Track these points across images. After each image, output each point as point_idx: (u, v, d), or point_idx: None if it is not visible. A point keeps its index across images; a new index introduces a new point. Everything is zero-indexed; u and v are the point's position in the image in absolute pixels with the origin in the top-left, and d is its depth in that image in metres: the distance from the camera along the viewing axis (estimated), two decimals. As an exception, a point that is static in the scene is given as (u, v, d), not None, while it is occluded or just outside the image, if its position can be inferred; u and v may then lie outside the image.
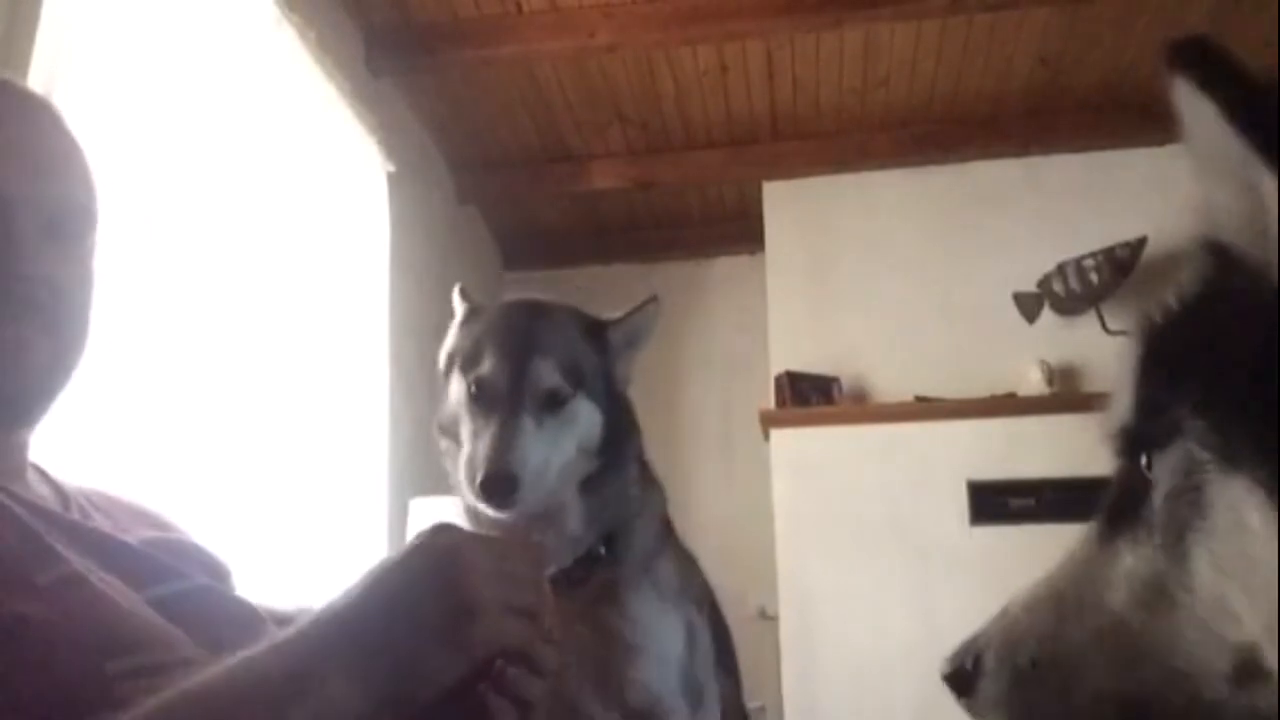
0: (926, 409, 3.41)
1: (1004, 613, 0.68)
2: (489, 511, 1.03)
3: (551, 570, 1.03)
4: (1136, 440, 0.57)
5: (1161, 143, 3.59)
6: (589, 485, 1.10)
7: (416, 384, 3.28)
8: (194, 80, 2.10)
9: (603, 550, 1.09)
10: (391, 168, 3.02)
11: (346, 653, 0.60)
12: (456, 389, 1.11)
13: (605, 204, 4.16)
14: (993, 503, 3.28)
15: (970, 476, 3.30)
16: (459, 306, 1.19)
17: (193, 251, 2.00)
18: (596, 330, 1.13)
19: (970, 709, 0.68)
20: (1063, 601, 0.63)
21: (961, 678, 0.68)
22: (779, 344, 3.69)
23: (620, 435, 1.12)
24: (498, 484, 1.00)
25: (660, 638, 1.10)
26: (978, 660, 0.67)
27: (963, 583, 3.21)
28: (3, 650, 0.61)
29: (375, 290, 2.89)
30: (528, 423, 1.03)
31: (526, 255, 4.42)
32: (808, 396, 3.52)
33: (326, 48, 2.65)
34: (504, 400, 1.05)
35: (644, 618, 1.09)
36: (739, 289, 4.08)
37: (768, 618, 3.44)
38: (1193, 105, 0.50)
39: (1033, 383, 3.38)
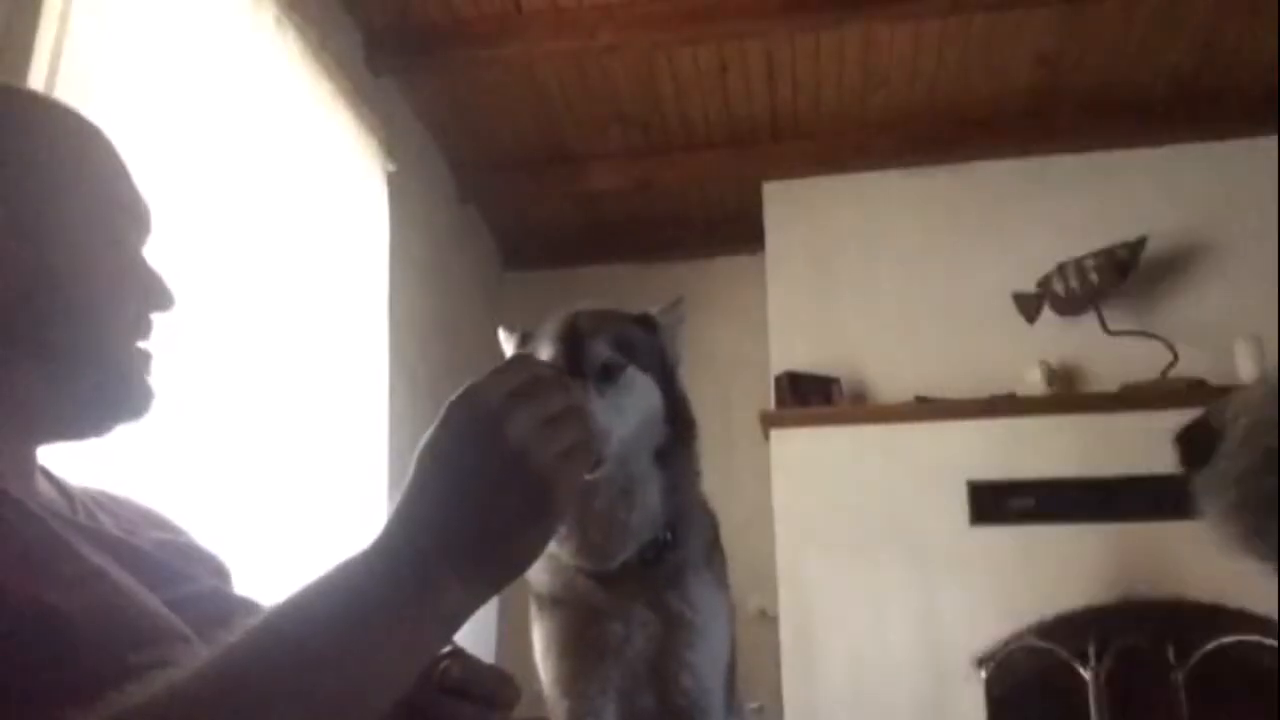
0: (926, 409, 3.41)
1: (1264, 382, 0.57)
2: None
3: (629, 552, 1.09)
4: None
5: (1161, 143, 3.60)
6: (661, 458, 1.14)
7: (417, 383, 3.29)
8: (194, 80, 2.10)
9: (669, 535, 1.13)
10: (391, 167, 3.02)
11: (453, 563, 0.61)
12: None
13: (605, 204, 4.16)
14: (993, 503, 3.27)
15: (970, 476, 3.30)
16: (507, 339, 1.23)
17: (192, 251, 2.00)
18: (642, 318, 1.20)
19: (1195, 483, 0.57)
20: None
21: (1194, 444, 0.58)
22: (779, 344, 3.69)
23: (682, 409, 1.17)
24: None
25: (717, 626, 1.14)
26: (1218, 430, 0.56)
27: (963, 583, 3.22)
28: (34, 640, 0.61)
29: (375, 290, 2.89)
30: (590, 390, 1.07)
31: (526, 255, 4.43)
32: (808, 396, 3.52)
33: (326, 48, 2.65)
34: (566, 375, 1.11)
35: (705, 604, 1.13)
36: (739, 289, 4.08)
37: (768, 618, 3.44)
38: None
39: (1033, 383, 3.38)
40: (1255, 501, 0.51)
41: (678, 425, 1.16)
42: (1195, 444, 0.55)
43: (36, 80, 1.58)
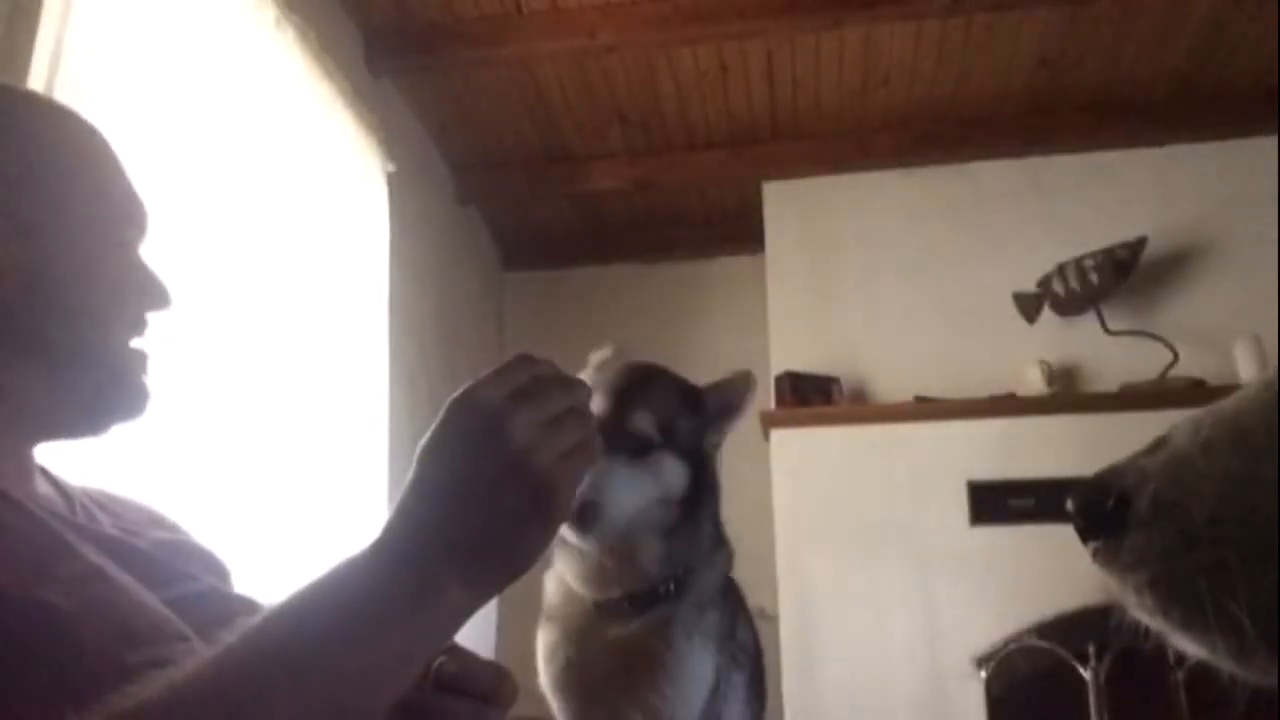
0: (926, 409, 3.41)
1: (1160, 446, 0.51)
2: (571, 537, 1.14)
3: (624, 592, 1.17)
4: None
5: (1161, 143, 3.60)
6: (666, 532, 1.20)
7: (417, 384, 3.28)
8: (194, 80, 2.10)
9: (671, 588, 1.20)
10: (391, 168, 3.02)
11: (453, 563, 0.61)
12: None
13: (605, 204, 4.16)
14: (993, 503, 3.27)
15: (970, 476, 3.30)
16: (595, 361, 1.31)
17: (192, 251, 2.00)
18: (694, 395, 1.26)
19: (1102, 559, 0.52)
20: (1254, 443, 0.47)
21: (1094, 517, 0.52)
22: (779, 344, 3.69)
23: (702, 493, 1.24)
24: (581, 509, 1.09)
25: (691, 676, 1.19)
26: (1124, 500, 0.51)
27: (963, 583, 3.21)
28: (32, 639, 0.61)
29: (375, 290, 2.89)
30: (619, 463, 1.14)
31: (526, 255, 4.43)
32: (808, 396, 3.52)
33: (326, 48, 2.65)
34: (602, 440, 1.14)
35: (682, 655, 1.19)
36: (739, 289, 4.08)
37: (768, 618, 3.44)
38: None
39: (1033, 383, 3.38)
40: (1172, 583, 0.48)
41: (701, 490, 1.23)
42: (1099, 513, 0.51)
43: (36, 80, 1.58)
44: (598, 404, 1.16)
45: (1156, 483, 0.49)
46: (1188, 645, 0.49)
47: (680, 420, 1.21)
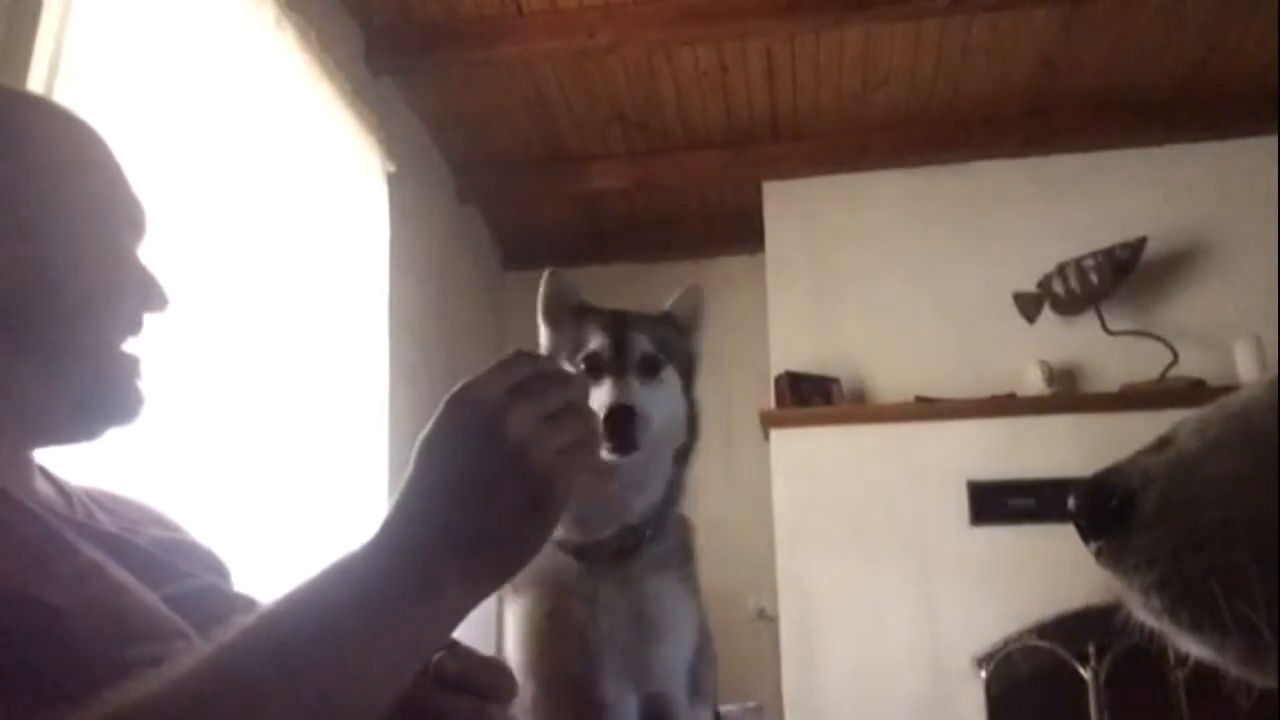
0: (926, 409, 3.41)
1: (1166, 445, 0.50)
2: (610, 456, 1.12)
3: (614, 530, 1.16)
4: None
5: (1161, 143, 3.60)
6: (678, 457, 1.23)
7: (417, 383, 3.28)
8: (194, 80, 2.10)
9: (651, 531, 1.19)
10: (391, 168, 3.02)
11: (455, 563, 0.61)
12: None
13: (605, 204, 4.16)
14: (993, 503, 3.28)
15: (970, 476, 3.30)
16: (570, 289, 1.29)
17: (192, 251, 2.00)
18: (667, 317, 1.30)
19: (1105, 559, 0.51)
20: (1264, 444, 0.46)
21: (1097, 517, 0.51)
22: (779, 344, 3.69)
23: (696, 416, 1.26)
24: (620, 413, 1.11)
25: (680, 623, 1.18)
26: (1128, 500, 0.50)
27: (963, 583, 3.22)
28: (28, 635, 0.61)
29: (375, 290, 2.89)
30: (634, 382, 1.17)
31: (526, 255, 4.42)
32: (808, 396, 3.52)
33: (326, 47, 2.65)
34: (611, 366, 1.19)
35: (671, 601, 1.18)
36: (739, 289, 4.08)
37: (768, 618, 3.44)
38: None
39: (1033, 383, 3.38)
40: (1179, 584, 0.47)
41: (691, 429, 1.25)
42: (1102, 512, 0.51)
43: (36, 80, 1.58)
44: (598, 340, 1.20)
45: (1163, 482, 0.48)
46: (1194, 647, 0.49)
47: (670, 338, 1.26)
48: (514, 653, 1.16)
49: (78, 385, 0.79)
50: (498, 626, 1.25)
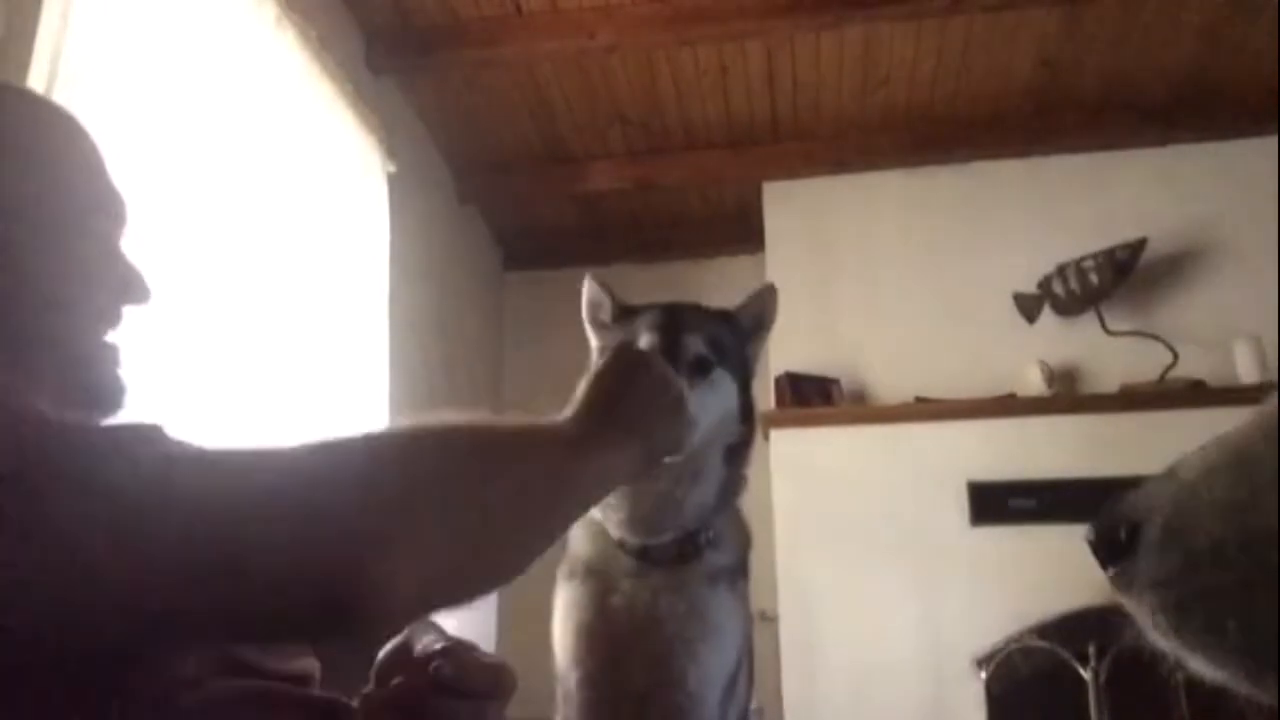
0: (926, 409, 3.41)
1: (1171, 475, 0.54)
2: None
3: (674, 534, 1.17)
4: None
5: (1161, 143, 3.60)
6: (729, 454, 1.22)
7: (417, 383, 3.28)
8: (194, 80, 2.10)
9: (710, 536, 1.19)
10: (391, 168, 3.02)
11: (629, 446, 0.81)
12: None
13: (605, 204, 4.16)
14: (993, 503, 3.27)
15: (970, 476, 3.30)
16: (602, 298, 1.33)
17: (193, 252, 2.00)
18: (728, 316, 1.31)
19: (1118, 585, 0.55)
20: (1256, 469, 0.49)
21: (1110, 546, 0.55)
22: (779, 344, 3.67)
23: (751, 415, 1.26)
24: None
25: (729, 634, 1.18)
26: (1135, 529, 0.53)
27: (963, 583, 3.22)
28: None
29: (375, 290, 2.89)
30: (683, 383, 1.14)
31: (526, 255, 4.43)
32: (808, 397, 3.52)
33: (326, 47, 2.65)
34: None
35: (726, 614, 1.18)
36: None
37: (768, 618, 3.44)
38: None
39: (1033, 383, 3.38)
40: (1180, 606, 0.51)
41: (747, 425, 1.24)
42: (1114, 541, 0.54)
43: (37, 80, 1.58)
44: (647, 339, 1.21)
45: (1166, 510, 0.51)
46: (1203, 668, 0.51)
47: (725, 338, 1.26)
48: (561, 636, 1.18)
49: (46, 369, 0.78)
50: (498, 632, 1.25)
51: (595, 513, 1.18)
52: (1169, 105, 3.52)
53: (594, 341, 1.32)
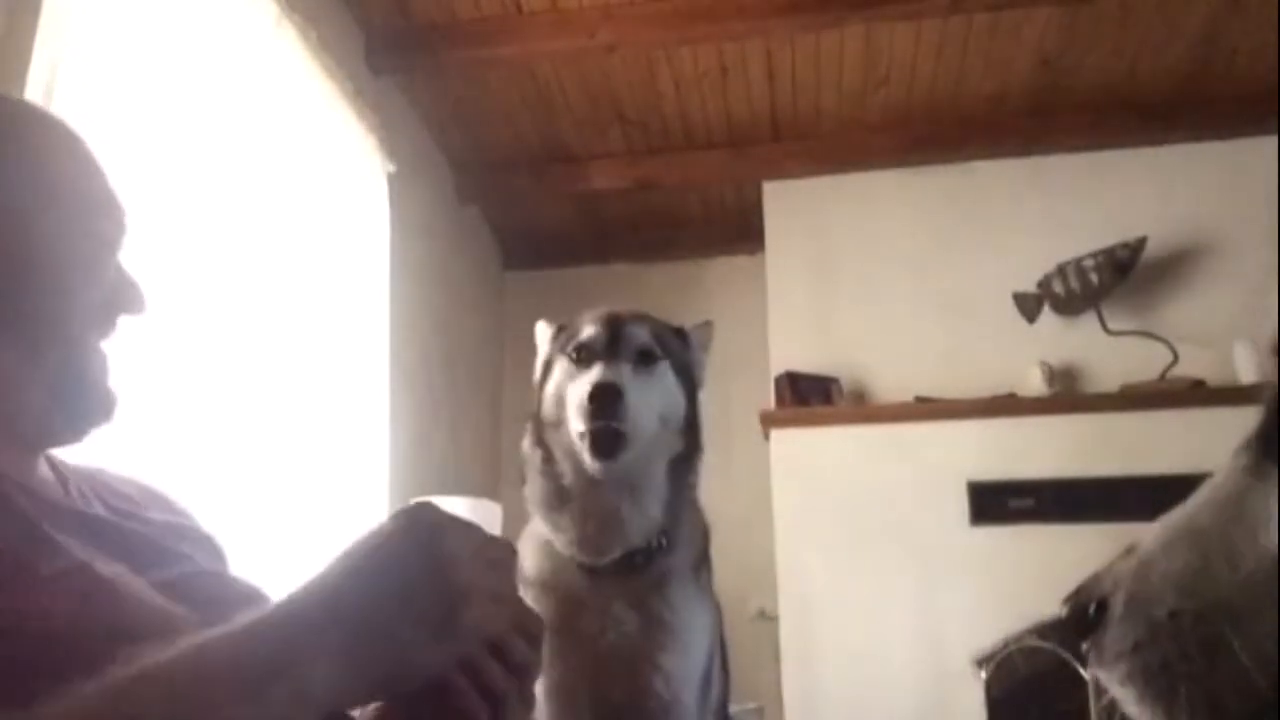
0: (926, 409, 3.41)
1: (1132, 551, 0.57)
2: (595, 463, 1.11)
3: (622, 551, 1.14)
4: None
5: (1161, 143, 3.60)
6: (673, 468, 1.19)
7: (417, 383, 3.29)
8: (194, 80, 2.10)
9: (663, 542, 1.17)
10: (391, 168, 3.02)
11: (333, 636, 0.58)
12: (558, 373, 1.22)
13: (605, 204, 4.16)
14: (993, 503, 3.27)
15: (970, 476, 3.30)
16: (545, 332, 1.29)
17: (193, 252, 2.00)
18: (678, 329, 1.29)
19: (1091, 658, 0.57)
20: (1206, 540, 0.53)
21: (1082, 621, 0.58)
22: (779, 344, 3.69)
23: (697, 426, 1.23)
24: (605, 391, 1.09)
25: (694, 633, 1.17)
26: (1102, 605, 0.57)
27: (963, 583, 3.21)
28: (10, 640, 0.61)
29: (375, 290, 2.89)
30: (625, 369, 1.15)
31: (526, 255, 4.43)
32: (808, 396, 3.52)
33: (326, 47, 2.65)
34: (603, 353, 1.18)
35: (686, 612, 1.17)
36: (739, 289, 4.08)
37: (768, 618, 3.44)
38: None
39: (1033, 383, 3.38)
40: (1143, 675, 0.53)
41: (690, 440, 1.22)
42: (1084, 618, 0.58)
43: (37, 81, 1.58)
44: (590, 330, 1.18)
45: (1127, 585, 0.55)
46: None
47: (671, 342, 1.23)
48: None
49: (46, 367, 0.78)
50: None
51: (544, 530, 1.18)
52: (1169, 105, 3.51)
53: (541, 351, 1.29)
